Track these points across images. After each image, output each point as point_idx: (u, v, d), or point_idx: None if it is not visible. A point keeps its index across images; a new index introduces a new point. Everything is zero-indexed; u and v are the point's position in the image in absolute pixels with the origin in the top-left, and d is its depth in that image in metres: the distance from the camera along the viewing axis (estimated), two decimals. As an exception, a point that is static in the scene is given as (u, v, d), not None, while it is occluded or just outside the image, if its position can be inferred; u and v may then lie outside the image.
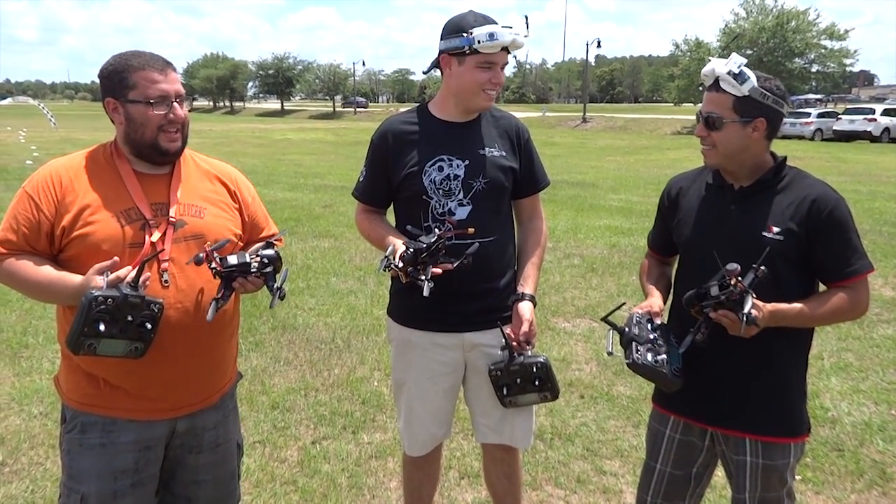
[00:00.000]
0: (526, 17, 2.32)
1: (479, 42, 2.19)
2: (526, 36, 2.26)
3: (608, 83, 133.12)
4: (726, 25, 44.21)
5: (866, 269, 1.96)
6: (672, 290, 2.23)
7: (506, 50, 2.24)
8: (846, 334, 5.31)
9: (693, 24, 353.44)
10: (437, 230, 2.17)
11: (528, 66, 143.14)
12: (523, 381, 2.30)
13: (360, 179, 2.48)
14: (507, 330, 2.32)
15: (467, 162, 2.31)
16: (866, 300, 1.99)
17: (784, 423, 2.03)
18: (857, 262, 1.95)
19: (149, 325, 1.73)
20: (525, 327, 2.33)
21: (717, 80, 1.94)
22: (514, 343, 2.32)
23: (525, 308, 2.36)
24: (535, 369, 2.29)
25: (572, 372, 4.61)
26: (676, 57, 46.88)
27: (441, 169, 2.31)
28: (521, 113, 47.76)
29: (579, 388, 4.35)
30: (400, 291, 2.40)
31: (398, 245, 2.18)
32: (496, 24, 2.22)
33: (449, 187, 2.30)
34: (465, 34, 2.21)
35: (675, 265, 2.27)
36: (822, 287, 2.04)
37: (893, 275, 7.12)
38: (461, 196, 2.30)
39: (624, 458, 3.52)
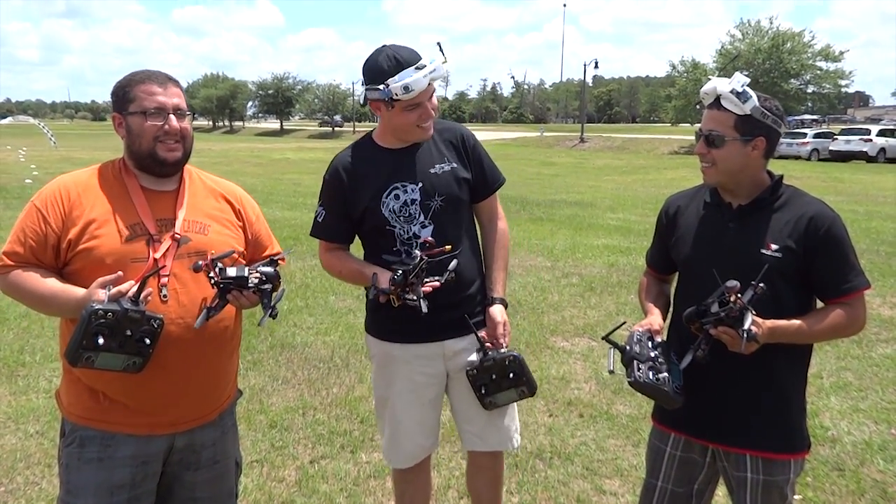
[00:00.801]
0: (439, 45, 2.31)
1: (396, 95, 2.18)
2: (445, 62, 2.25)
3: (606, 103, 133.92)
4: (723, 47, 44.71)
5: (863, 285, 1.97)
6: (671, 308, 2.24)
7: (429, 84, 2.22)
8: (845, 353, 5.30)
9: (690, 45, 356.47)
10: (416, 251, 2.22)
11: (526, 87, 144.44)
12: (498, 376, 2.36)
13: (319, 220, 2.46)
14: (482, 333, 2.39)
15: (421, 185, 2.35)
16: (864, 316, 2.00)
17: (784, 439, 2.03)
18: (854, 279, 1.96)
19: (148, 341, 1.74)
20: (499, 329, 2.41)
21: (718, 98, 1.96)
22: (488, 344, 2.39)
23: (496, 311, 2.45)
24: (507, 363, 2.36)
25: (571, 391, 4.60)
26: (673, 78, 47.31)
27: (397, 197, 2.35)
28: (518, 133, 47.94)
29: (578, 406, 4.34)
30: (377, 308, 2.41)
31: (383, 271, 2.24)
32: (409, 65, 2.18)
33: (408, 213, 2.35)
34: (382, 86, 2.19)
35: (674, 283, 2.28)
36: (819, 304, 2.05)
37: (891, 294, 7.14)
38: (422, 218, 2.35)
39: (624, 477, 3.50)
